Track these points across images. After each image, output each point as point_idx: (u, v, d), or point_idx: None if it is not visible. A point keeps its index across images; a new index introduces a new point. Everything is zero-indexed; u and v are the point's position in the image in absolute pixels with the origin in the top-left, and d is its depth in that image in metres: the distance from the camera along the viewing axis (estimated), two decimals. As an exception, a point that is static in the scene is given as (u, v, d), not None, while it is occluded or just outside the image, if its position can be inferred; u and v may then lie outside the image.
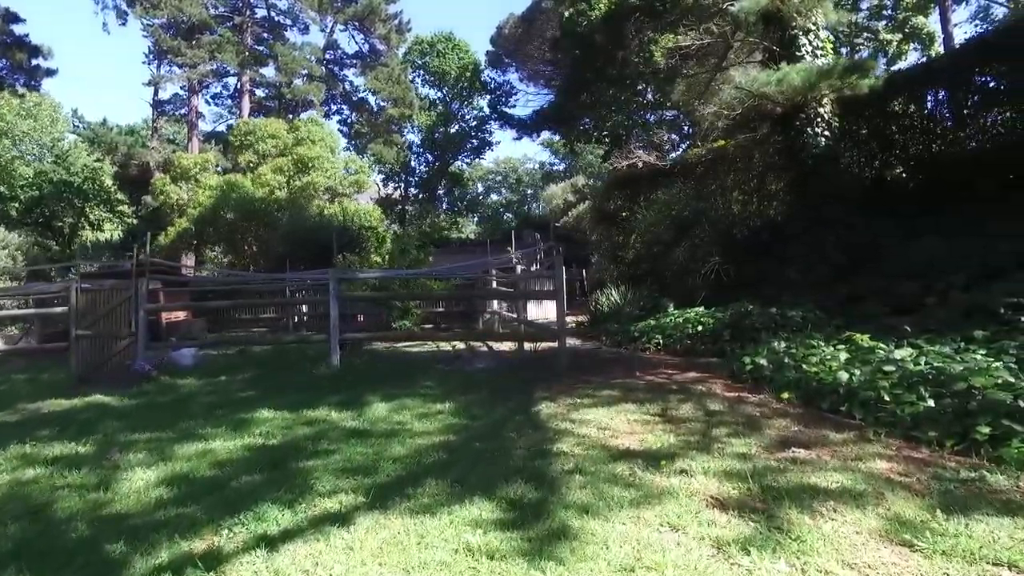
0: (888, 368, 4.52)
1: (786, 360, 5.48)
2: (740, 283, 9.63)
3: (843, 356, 5.25)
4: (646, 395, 5.19)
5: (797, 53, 9.01)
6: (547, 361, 7.15)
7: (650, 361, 7.41)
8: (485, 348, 9.32)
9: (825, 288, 8.56)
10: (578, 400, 5.08)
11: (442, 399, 5.31)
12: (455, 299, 10.25)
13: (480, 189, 49.27)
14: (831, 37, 9.25)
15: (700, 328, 8.18)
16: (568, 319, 16.11)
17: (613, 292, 11.58)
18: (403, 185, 41.54)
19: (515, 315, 9.29)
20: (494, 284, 10.98)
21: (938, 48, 25.09)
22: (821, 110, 8.94)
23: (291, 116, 30.44)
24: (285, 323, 15.20)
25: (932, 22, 26.11)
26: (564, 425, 4.25)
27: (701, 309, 9.07)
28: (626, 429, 4.12)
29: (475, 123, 38.46)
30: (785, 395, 4.85)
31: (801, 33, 9.08)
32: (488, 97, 36.10)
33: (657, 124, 20.72)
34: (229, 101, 36.46)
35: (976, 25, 25.23)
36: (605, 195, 13.93)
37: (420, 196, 41.43)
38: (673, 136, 23.57)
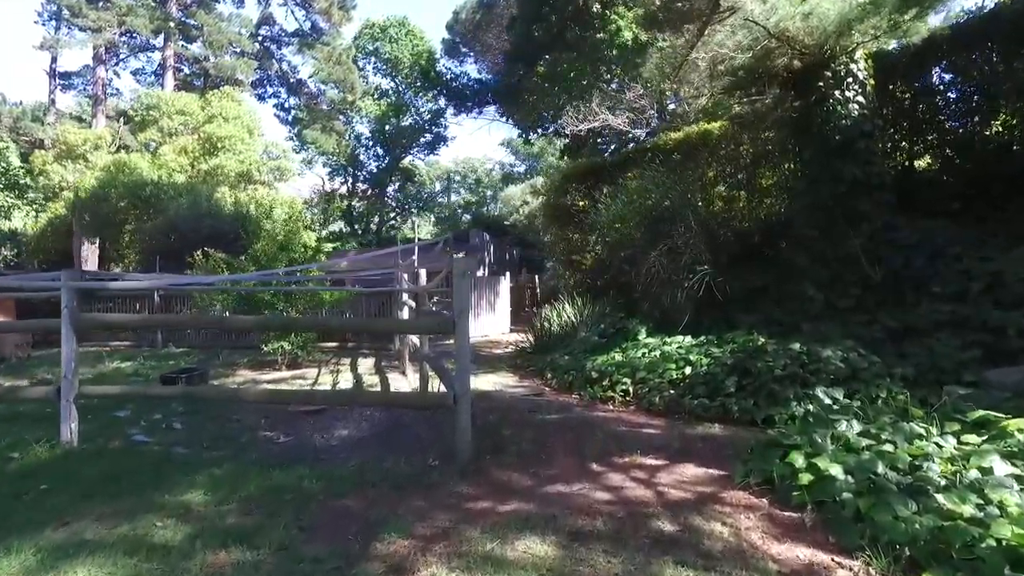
0: None
1: (880, 470, 2.80)
2: (736, 302, 7.05)
3: (1001, 470, 2.62)
4: (609, 557, 2.41)
5: (821, -11, 6.50)
6: (450, 428, 4.26)
7: (616, 430, 4.64)
8: (378, 389, 6.41)
9: (860, 312, 6.04)
10: (459, 581, 2.26)
11: (179, 564, 2.40)
12: (291, 328, 7.21)
13: (438, 188, 46.07)
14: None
15: (689, 370, 5.51)
16: (511, 337, 12.99)
17: (567, 308, 8.86)
18: (351, 180, 38.10)
19: (419, 344, 6.40)
20: (405, 297, 8.07)
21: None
22: (853, 67, 6.45)
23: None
24: (152, 338, 11.87)
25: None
26: None
27: (687, 339, 6.43)
28: None
29: (429, 116, 35.29)
30: (922, 583, 2.16)
31: (826, -38, 6.58)
32: (444, 89, 32.95)
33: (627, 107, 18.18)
34: (152, 77, 32.49)
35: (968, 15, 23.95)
36: (560, 187, 11.21)
37: (369, 192, 38.03)
38: (639, 132, 21.27)
